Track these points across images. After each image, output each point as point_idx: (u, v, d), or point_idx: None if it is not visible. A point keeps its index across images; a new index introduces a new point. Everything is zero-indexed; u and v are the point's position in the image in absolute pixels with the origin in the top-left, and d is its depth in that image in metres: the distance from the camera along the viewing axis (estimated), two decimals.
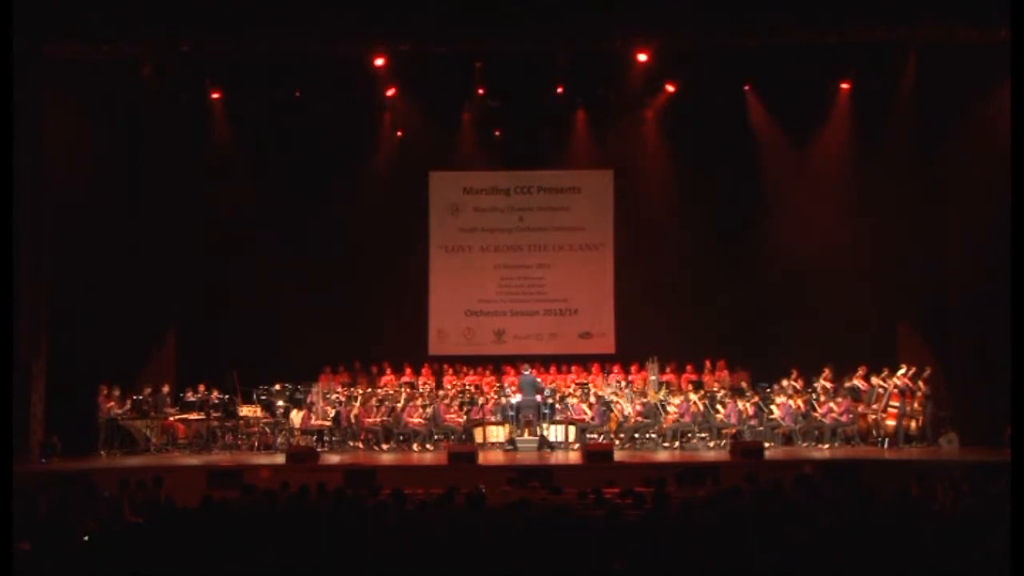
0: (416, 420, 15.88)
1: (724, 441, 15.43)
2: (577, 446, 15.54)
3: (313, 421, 15.81)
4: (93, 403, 15.38)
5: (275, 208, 18.30)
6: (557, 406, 16.19)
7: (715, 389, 16.65)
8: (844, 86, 17.04)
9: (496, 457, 15.03)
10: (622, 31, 15.22)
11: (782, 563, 6.30)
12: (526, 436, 15.67)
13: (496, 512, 8.20)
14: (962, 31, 14.72)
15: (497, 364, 18.31)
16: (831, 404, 15.50)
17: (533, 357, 17.88)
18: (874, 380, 15.67)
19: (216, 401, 16.04)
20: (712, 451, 15.25)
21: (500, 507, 8.51)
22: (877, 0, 14.50)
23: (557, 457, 15.05)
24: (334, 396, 16.52)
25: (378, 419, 15.87)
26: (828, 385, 15.82)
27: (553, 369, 18.00)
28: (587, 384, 16.99)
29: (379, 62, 16.12)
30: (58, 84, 15.21)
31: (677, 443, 15.74)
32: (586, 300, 19.25)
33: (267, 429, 15.85)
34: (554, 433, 15.93)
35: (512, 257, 19.36)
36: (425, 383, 17.63)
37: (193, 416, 15.95)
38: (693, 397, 15.88)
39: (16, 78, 11.74)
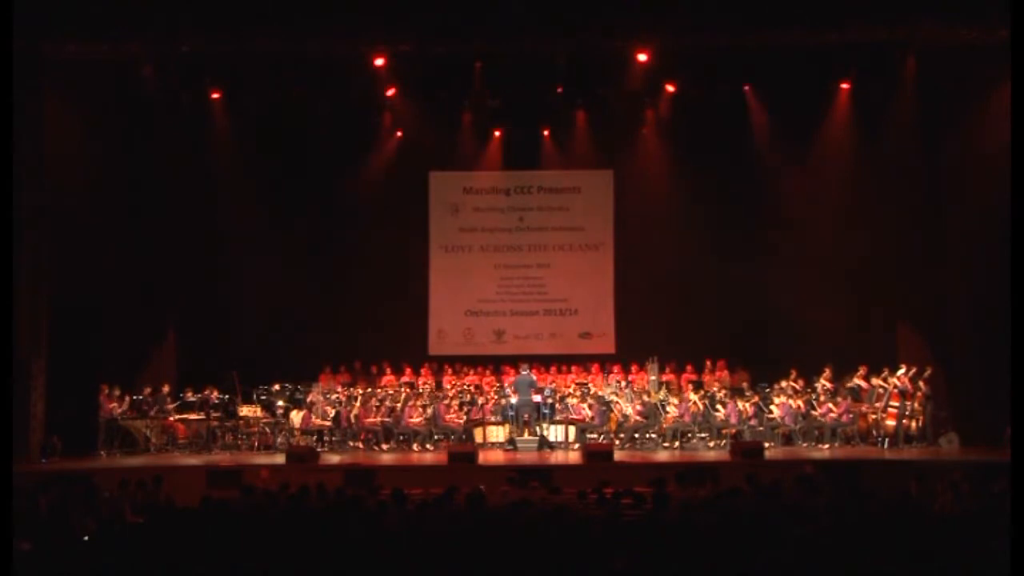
0: (416, 420, 15.88)
1: (724, 441, 15.43)
2: (577, 446, 15.54)
3: (313, 421, 15.81)
4: (93, 403, 15.37)
5: (275, 208, 18.29)
6: (557, 406, 16.19)
7: (715, 389, 16.65)
8: (844, 86, 17.02)
9: (496, 457, 15.02)
10: (622, 31, 15.22)
11: (782, 563, 6.30)
12: (526, 436, 15.67)
13: (496, 512, 8.20)
14: (962, 31, 14.72)
15: (497, 364, 18.31)
16: (831, 404, 15.50)
17: (533, 357, 17.87)
18: (874, 380, 15.67)
19: (216, 401, 16.04)
20: (712, 451, 15.25)
21: (500, 507, 8.51)
22: (877, 0, 14.50)
23: (557, 457, 15.05)
24: (334, 396, 16.52)
25: (378, 419, 15.86)
26: (828, 385, 15.82)
27: (553, 369, 18.00)
28: (587, 384, 16.99)
29: (379, 62, 16.11)
30: (58, 84, 15.22)
31: (677, 443, 15.73)
32: (586, 300, 19.25)
33: (267, 429, 15.85)
34: (554, 433, 15.94)
35: (512, 257, 19.36)
36: (425, 383, 17.63)
37: (193, 416, 15.95)
38: (693, 397, 15.88)
39: (16, 78, 11.74)
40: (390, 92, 17.34)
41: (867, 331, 17.10)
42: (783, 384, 16.08)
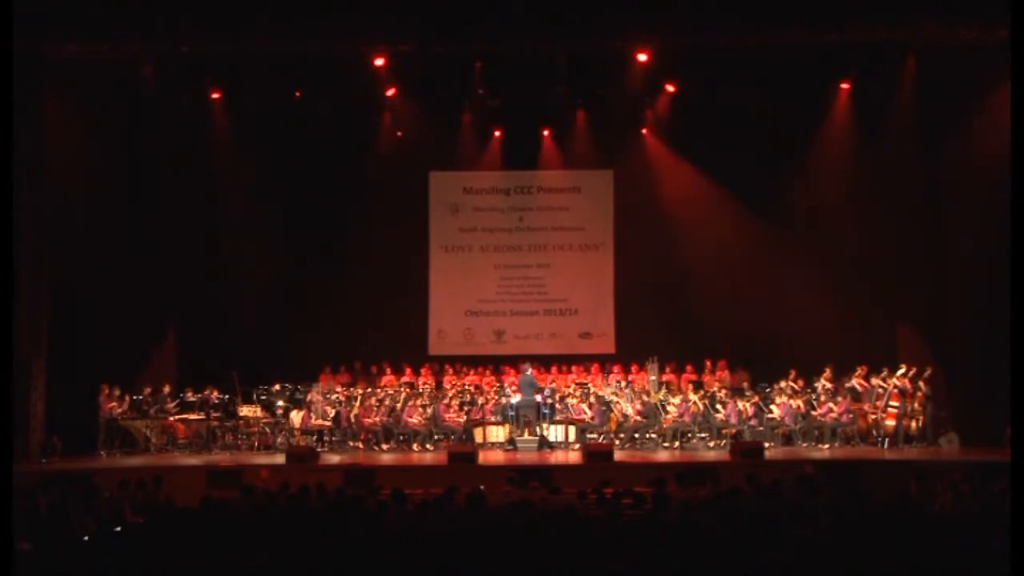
0: (416, 420, 15.88)
1: (724, 441, 15.42)
2: (577, 446, 15.54)
3: (313, 421, 15.81)
4: (93, 403, 15.37)
5: (275, 208, 18.29)
6: (557, 406, 16.18)
7: (715, 389, 16.64)
8: (844, 86, 17.02)
9: (496, 457, 15.02)
10: (622, 31, 15.22)
11: (782, 563, 6.30)
12: (526, 436, 15.67)
13: (496, 512, 8.20)
14: (962, 31, 14.73)
15: (497, 364, 18.31)
16: (831, 404, 15.50)
17: (533, 357, 17.85)
18: (874, 380, 15.66)
19: (216, 401, 16.04)
20: (712, 451, 15.25)
21: (500, 507, 8.52)
22: (877, 0, 14.51)
23: (557, 457, 15.04)
24: (334, 396, 16.52)
25: (378, 419, 15.86)
26: (828, 385, 15.81)
27: (553, 369, 17.99)
28: (587, 384, 16.99)
29: (379, 62, 16.12)
30: (58, 84, 15.22)
31: (677, 443, 15.73)
32: (586, 300, 19.25)
33: (267, 429, 15.85)
34: (554, 433, 15.93)
35: (512, 257, 19.36)
36: (425, 383, 17.63)
37: (193, 416, 15.95)
38: (693, 397, 15.87)
39: (16, 78, 11.73)
40: (390, 92, 17.34)
41: (867, 331, 17.09)
42: (783, 384, 16.08)
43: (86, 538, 7.93)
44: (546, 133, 18.90)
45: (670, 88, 17.50)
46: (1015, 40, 10.29)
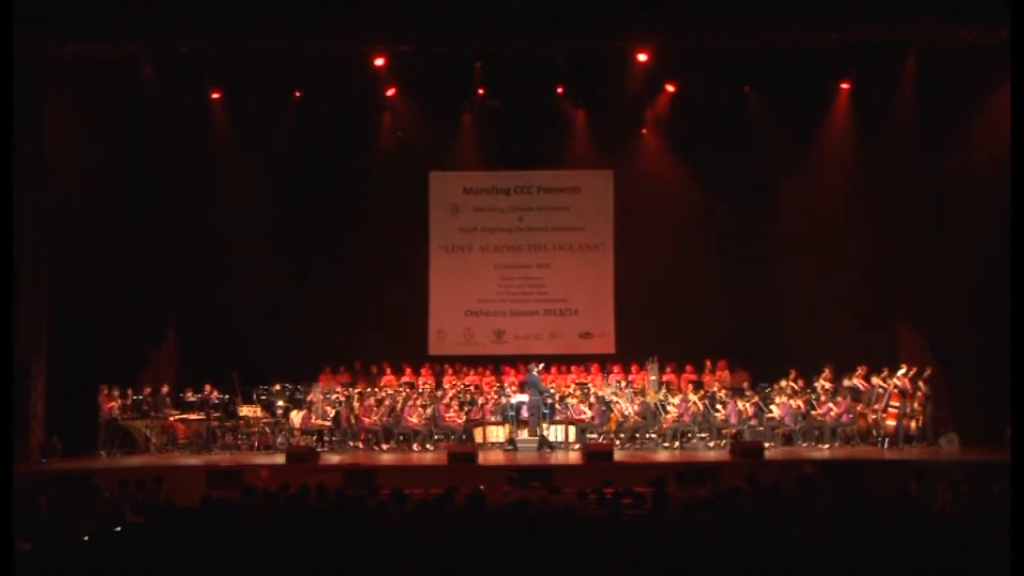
0: (416, 420, 15.88)
1: (724, 441, 15.42)
2: (577, 446, 15.53)
3: (313, 421, 15.81)
4: (93, 403, 15.37)
5: (275, 208, 18.30)
6: (557, 406, 16.18)
7: (715, 389, 16.64)
8: (844, 86, 17.03)
9: (496, 457, 15.02)
10: (622, 31, 15.23)
11: (782, 563, 6.30)
12: (526, 436, 15.67)
13: (496, 512, 8.20)
14: (962, 31, 14.73)
15: (497, 364, 18.31)
16: (831, 404, 15.50)
17: (533, 357, 17.84)
18: (874, 380, 15.66)
19: (216, 401, 16.04)
20: (712, 451, 15.25)
21: (500, 507, 8.52)
22: (877, 0, 14.51)
23: (557, 457, 15.04)
24: (334, 396, 16.52)
25: (378, 419, 15.86)
26: (828, 385, 15.81)
27: (553, 369, 17.97)
28: (587, 384, 16.98)
29: (379, 62, 16.14)
30: (58, 84, 15.22)
31: (677, 443, 15.73)
32: (586, 300, 19.25)
33: (267, 429, 15.85)
34: (554, 433, 15.92)
35: (512, 257, 19.35)
36: (425, 383, 17.62)
37: (193, 416, 15.95)
38: (693, 397, 15.87)
39: (16, 78, 11.73)
40: (390, 92, 17.36)
41: (867, 331, 17.07)
42: (783, 384, 16.07)
43: (86, 538, 7.93)
44: (546, 133, 18.89)
45: (670, 88, 17.52)
46: (1015, 40, 10.28)
